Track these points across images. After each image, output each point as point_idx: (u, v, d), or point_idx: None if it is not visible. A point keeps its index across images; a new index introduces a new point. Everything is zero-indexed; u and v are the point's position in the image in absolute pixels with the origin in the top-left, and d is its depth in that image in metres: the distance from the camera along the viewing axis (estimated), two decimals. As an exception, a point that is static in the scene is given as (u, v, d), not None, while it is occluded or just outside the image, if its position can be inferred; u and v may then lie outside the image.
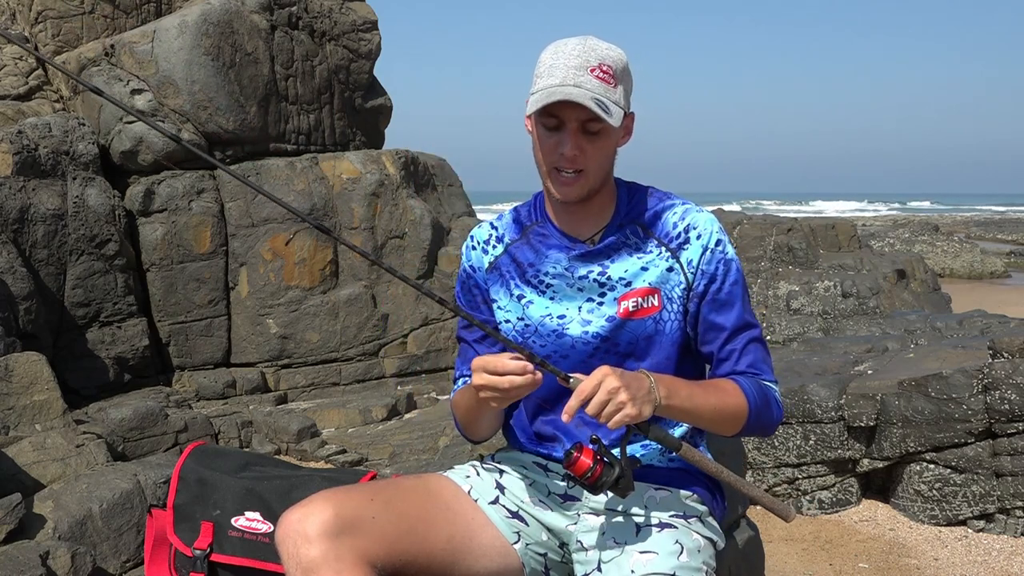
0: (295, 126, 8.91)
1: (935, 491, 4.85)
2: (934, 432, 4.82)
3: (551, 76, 1.60)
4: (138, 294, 7.77)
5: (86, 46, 8.58)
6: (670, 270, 1.71)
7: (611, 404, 1.48)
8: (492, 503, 1.75)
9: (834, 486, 5.15)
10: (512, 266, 1.80)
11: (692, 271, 1.71)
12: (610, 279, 1.72)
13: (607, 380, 1.49)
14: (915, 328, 7.90)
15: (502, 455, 1.88)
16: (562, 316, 1.74)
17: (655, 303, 1.70)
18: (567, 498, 1.76)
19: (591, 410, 1.49)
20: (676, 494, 1.74)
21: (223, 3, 8.41)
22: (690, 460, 1.62)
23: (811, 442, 5.12)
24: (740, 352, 1.71)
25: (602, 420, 1.49)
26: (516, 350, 1.59)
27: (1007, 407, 4.66)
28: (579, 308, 1.73)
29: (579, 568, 1.68)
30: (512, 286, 1.79)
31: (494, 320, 1.83)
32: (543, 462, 1.81)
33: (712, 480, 1.80)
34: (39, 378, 4.87)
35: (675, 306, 1.71)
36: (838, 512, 5.12)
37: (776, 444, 5.18)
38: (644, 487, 1.70)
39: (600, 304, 1.72)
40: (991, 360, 4.94)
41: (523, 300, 1.78)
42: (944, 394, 4.80)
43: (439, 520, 1.67)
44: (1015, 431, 4.68)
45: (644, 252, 1.72)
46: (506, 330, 1.80)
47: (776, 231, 12.38)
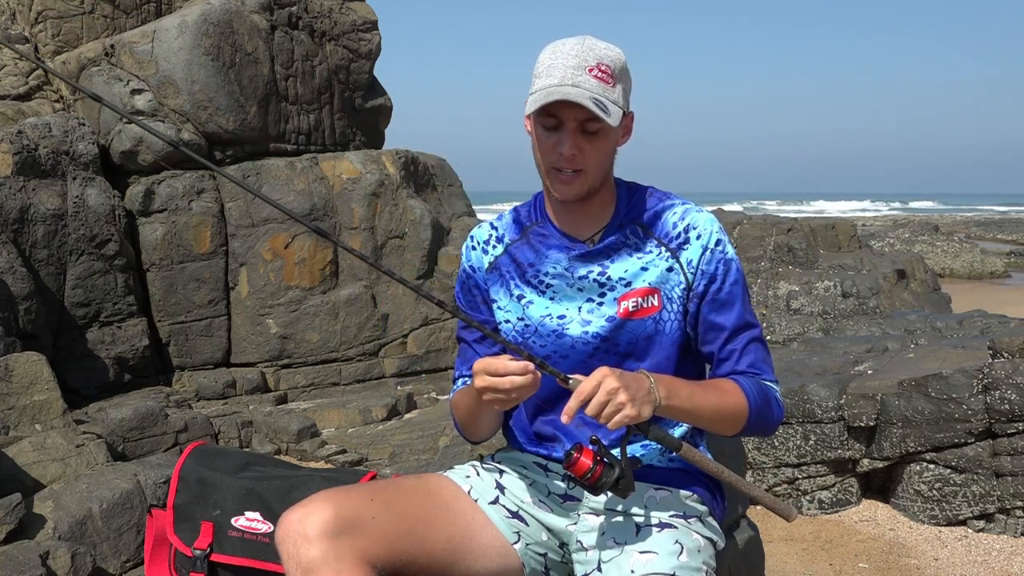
0: (295, 126, 8.90)
1: (935, 491, 4.85)
2: (934, 432, 4.82)
3: (549, 76, 1.60)
4: (138, 294, 7.77)
5: (86, 46, 8.58)
6: (670, 270, 1.71)
7: (610, 405, 1.48)
8: (492, 503, 1.75)
9: (834, 486, 5.15)
10: (512, 266, 1.80)
11: (692, 271, 1.71)
12: (610, 279, 1.72)
13: (606, 381, 1.49)
14: (915, 328, 7.90)
15: (502, 455, 1.88)
16: (562, 316, 1.74)
17: (655, 303, 1.70)
18: (567, 498, 1.76)
19: (590, 411, 1.49)
20: (676, 494, 1.74)
21: (223, 3, 8.41)
22: (690, 460, 1.62)
23: (811, 442, 5.12)
24: (740, 352, 1.71)
25: (602, 421, 1.49)
26: (515, 351, 1.59)
27: (1007, 407, 4.66)
28: (579, 308, 1.73)
29: (579, 568, 1.68)
30: (512, 286, 1.79)
31: (494, 320, 1.83)
32: (543, 462, 1.81)
33: (712, 480, 1.80)
34: (39, 378, 4.87)
35: (675, 306, 1.71)
36: (838, 512, 5.12)
37: (776, 444, 5.18)
38: (644, 487, 1.70)
39: (600, 304, 1.72)
40: (991, 360, 4.94)
41: (523, 300, 1.77)
42: (944, 394, 4.80)
43: (439, 520, 1.67)
44: (1015, 431, 4.68)
45: (644, 252, 1.72)
46: (506, 330, 1.80)
47: (776, 231, 12.38)
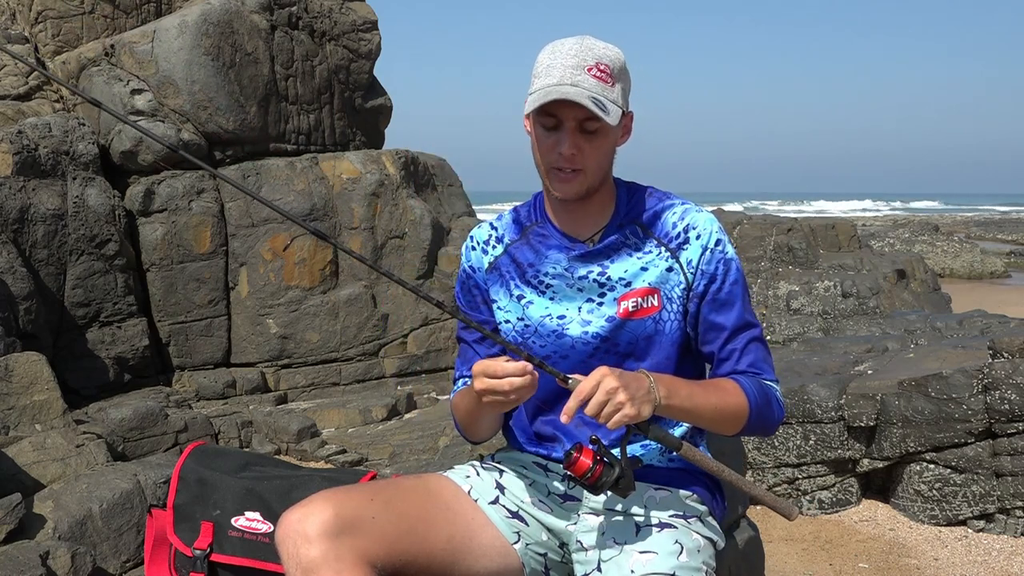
0: (295, 126, 8.91)
1: (935, 491, 4.85)
2: (934, 432, 4.82)
3: (548, 76, 1.60)
4: (138, 294, 7.77)
5: (86, 46, 8.58)
6: (670, 270, 1.71)
7: (610, 404, 1.48)
8: (492, 503, 1.75)
9: (834, 486, 5.15)
10: (512, 266, 1.80)
11: (692, 271, 1.71)
12: (610, 279, 1.71)
13: (605, 380, 1.49)
14: (915, 328, 7.90)
15: (502, 455, 1.88)
16: (562, 316, 1.74)
17: (655, 303, 1.70)
18: (567, 498, 1.76)
19: (590, 410, 1.49)
20: (676, 494, 1.74)
21: (223, 3, 8.41)
22: (691, 460, 1.62)
23: (811, 442, 5.12)
24: (741, 352, 1.71)
25: (601, 420, 1.49)
26: (514, 351, 1.58)
27: (1007, 407, 4.66)
28: (579, 308, 1.73)
29: (579, 568, 1.68)
30: (512, 286, 1.79)
31: (493, 321, 1.83)
32: (543, 462, 1.81)
33: (712, 480, 1.80)
34: (39, 378, 4.87)
35: (675, 306, 1.71)
36: (838, 512, 5.12)
37: (776, 444, 5.18)
38: (644, 487, 1.70)
39: (600, 304, 1.72)
40: (991, 360, 4.94)
41: (523, 300, 1.77)
42: (944, 394, 4.80)
43: (439, 520, 1.67)
44: (1015, 431, 4.68)
45: (644, 252, 1.72)
46: (506, 330, 1.80)
47: (776, 231, 12.38)
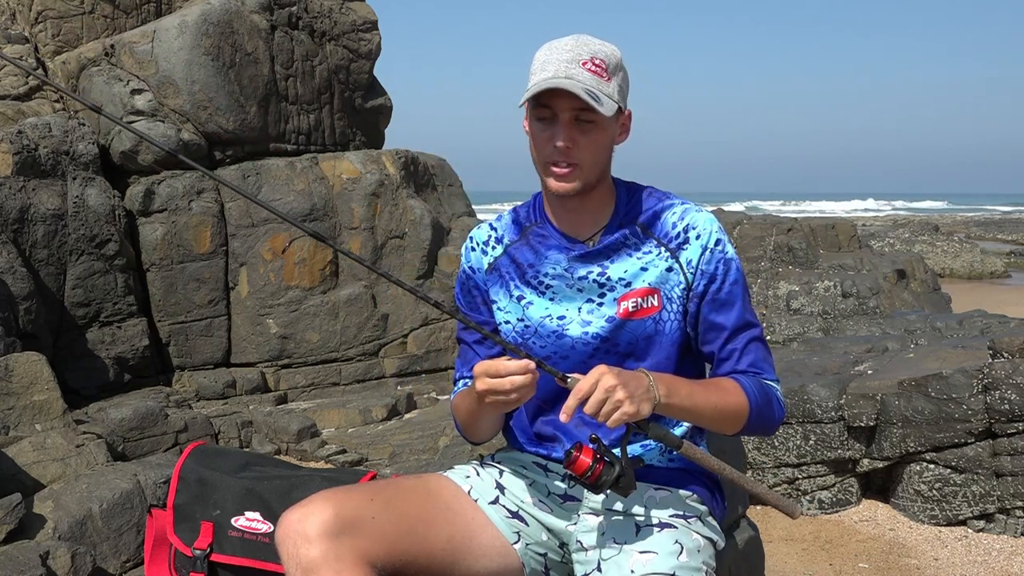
0: (295, 126, 8.91)
1: (935, 491, 4.85)
2: (934, 432, 4.82)
3: (544, 71, 1.62)
4: (138, 294, 7.77)
5: (86, 46, 8.58)
6: (669, 270, 1.71)
7: (609, 402, 1.48)
8: (492, 503, 1.75)
9: (834, 486, 5.15)
10: (511, 267, 1.80)
11: (692, 271, 1.71)
12: (609, 279, 1.71)
13: (604, 378, 1.49)
14: (915, 328, 7.90)
15: (502, 455, 1.88)
16: (562, 317, 1.74)
17: (655, 303, 1.70)
18: (567, 498, 1.76)
19: (589, 409, 1.48)
20: (676, 494, 1.74)
21: (223, 3, 8.41)
22: (692, 458, 1.62)
23: (811, 442, 5.12)
24: (741, 351, 1.71)
25: (600, 419, 1.49)
26: (513, 351, 1.58)
27: (1007, 407, 4.66)
28: (579, 309, 1.73)
29: (579, 568, 1.68)
30: (512, 287, 1.79)
31: (493, 321, 1.83)
32: (543, 462, 1.81)
33: (712, 480, 1.80)
34: (39, 378, 4.87)
35: (675, 306, 1.71)
36: (838, 512, 5.11)
37: (776, 444, 5.18)
38: (644, 487, 1.70)
39: (600, 305, 1.72)
40: (991, 360, 4.94)
41: (523, 301, 1.77)
42: (944, 394, 4.80)
43: (439, 520, 1.67)
44: (1015, 431, 4.68)
45: (643, 252, 1.72)
46: (506, 331, 1.80)
47: (776, 231, 12.38)
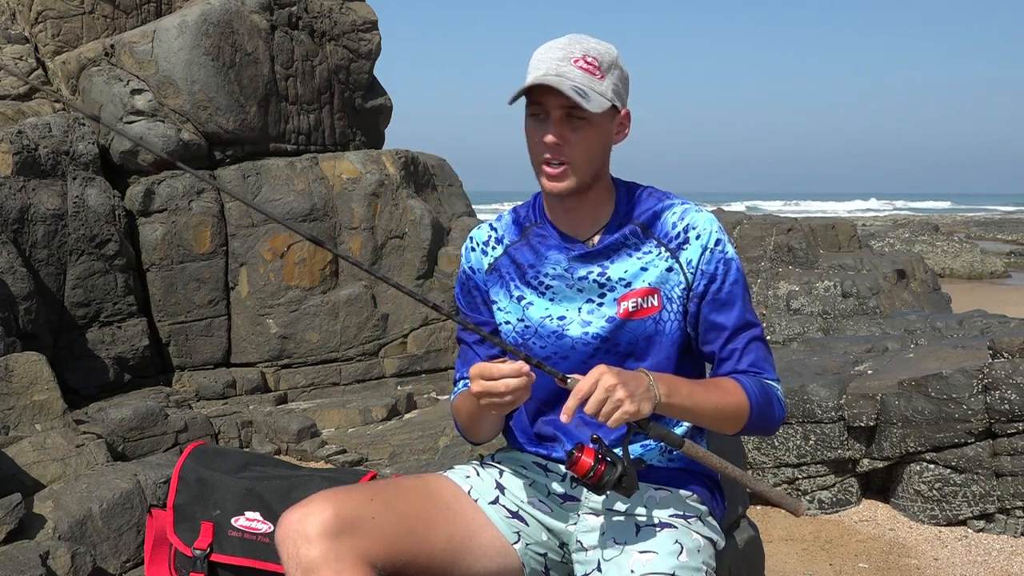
0: (295, 126, 8.91)
1: (935, 491, 4.85)
2: (934, 432, 4.82)
3: (536, 69, 1.63)
4: (138, 294, 7.77)
5: (86, 46, 8.58)
6: (670, 270, 1.71)
7: (609, 402, 1.48)
8: (492, 503, 1.75)
9: (834, 486, 5.15)
10: (512, 267, 1.80)
11: (692, 271, 1.70)
12: (610, 280, 1.71)
13: (604, 378, 1.49)
14: (915, 328, 7.90)
15: (502, 455, 1.88)
16: (562, 317, 1.74)
17: (655, 303, 1.70)
18: (567, 498, 1.76)
19: (589, 409, 1.48)
20: (676, 494, 1.74)
21: (223, 3, 8.41)
22: (694, 456, 1.61)
23: (811, 442, 5.11)
24: (741, 351, 1.71)
25: (601, 419, 1.48)
26: (513, 353, 1.58)
27: (1007, 407, 4.66)
28: (579, 309, 1.73)
29: (579, 568, 1.68)
30: (512, 287, 1.79)
31: (493, 322, 1.83)
32: (543, 462, 1.81)
33: (712, 480, 1.80)
34: (39, 378, 4.87)
35: (675, 306, 1.71)
36: (838, 512, 5.11)
37: (776, 444, 5.18)
38: (644, 487, 1.70)
39: (600, 305, 1.72)
40: (991, 360, 4.94)
41: (523, 301, 1.77)
42: (944, 394, 4.80)
43: (439, 520, 1.67)
44: (1015, 431, 4.68)
45: (643, 252, 1.72)
46: (506, 331, 1.80)
47: (776, 231, 12.38)
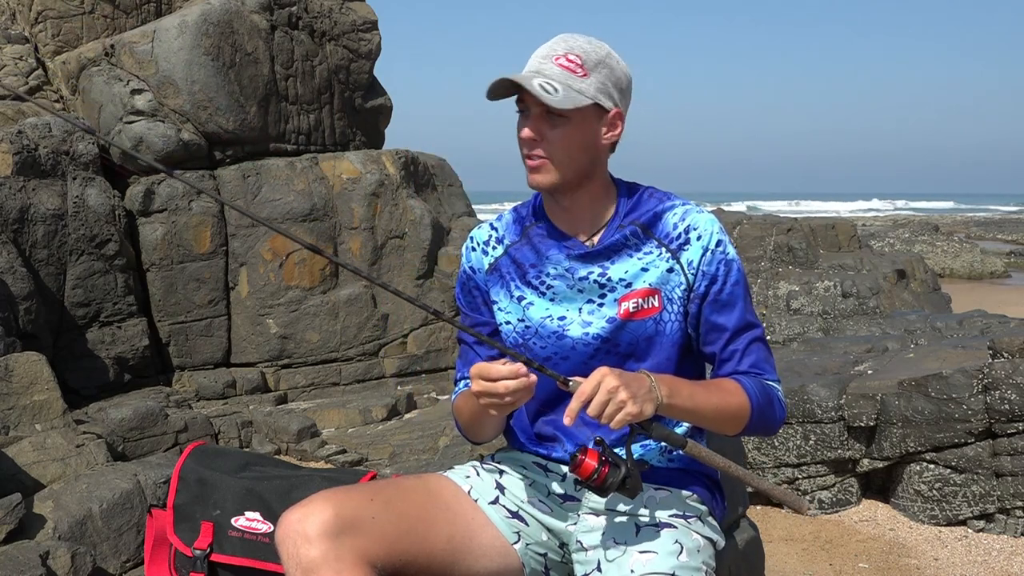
0: (295, 126, 8.90)
1: (935, 491, 4.85)
2: (934, 432, 4.82)
3: (525, 68, 1.65)
4: (138, 294, 7.77)
5: (86, 46, 8.58)
6: (670, 271, 1.70)
7: (612, 404, 1.48)
8: (492, 503, 1.75)
9: (834, 486, 5.15)
10: (512, 267, 1.80)
11: (692, 272, 1.70)
12: (610, 280, 1.71)
13: (606, 380, 1.49)
14: (915, 328, 7.90)
15: (502, 455, 1.88)
16: (562, 317, 1.73)
17: (655, 304, 1.70)
18: (567, 498, 1.76)
19: (592, 411, 1.48)
20: (676, 494, 1.74)
21: (223, 3, 8.41)
22: (696, 456, 1.61)
23: (811, 442, 5.11)
24: (742, 352, 1.71)
25: (604, 421, 1.48)
26: (512, 356, 1.57)
27: (1007, 407, 4.66)
28: (579, 309, 1.73)
29: (579, 568, 1.68)
30: (512, 287, 1.79)
31: (494, 322, 1.83)
32: (543, 462, 1.81)
33: (712, 480, 1.80)
34: (39, 378, 4.87)
35: (675, 307, 1.71)
36: (838, 512, 5.12)
37: (776, 444, 5.18)
38: (644, 487, 1.69)
39: (600, 305, 1.71)
40: (991, 360, 4.94)
41: (523, 302, 1.77)
42: (944, 394, 4.81)
43: (439, 520, 1.67)
44: (1015, 431, 4.68)
45: (644, 253, 1.72)
46: (506, 331, 1.80)
47: (776, 231, 12.38)
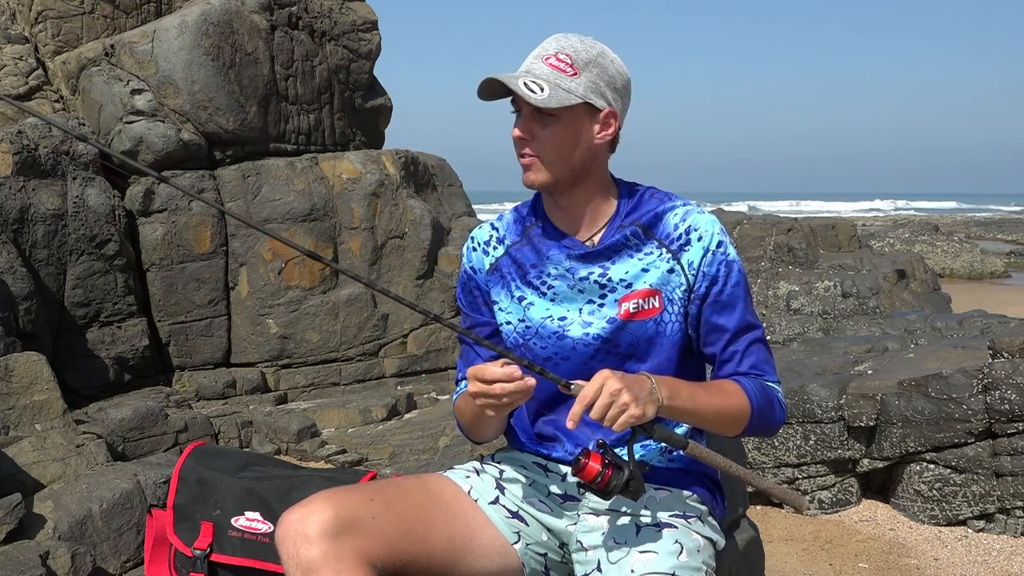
0: (295, 126, 8.90)
1: (935, 491, 4.85)
2: (934, 432, 4.82)
3: (519, 69, 1.66)
4: (138, 294, 7.77)
5: (86, 46, 8.58)
6: (671, 271, 1.70)
7: (614, 406, 1.48)
8: (492, 503, 1.75)
9: (834, 486, 5.15)
10: (513, 267, 1.80)
11: (693, 273, 1.70)
12: (611, 280, 1.71)
13: (608, 383, 1.49)
14: (915, 328, 7.90)
15: (502, 455, 1.88)
16: (563, 318, 1.73)
17: (656, 305, 1.70)
18: (567, 498, 1.76)
19: (595, 414, 1.48)
20: (676, 494, 1.74)
21: (223, 3, 8.41)
22: (698, 457, 1.61)
23: (811, 442, 5.12)
24: (742, 353, 1.71)
25: (606, 423, 1.49)
26: (515, 360, 1.57)
27: (1007, 407, 4.66)
28: (580, 310, 1.73)
29: (579, 568, 1.68)
30: (513, 287, 1.79)
31: (495, 322, 1.83)
32: (543, 462, 1.81)
33: (712, 480, 1.80)
34: (39, 378, 4.87)
35: (676, 308, 1.71)
36: (838, 512, 5.12)
37: (776, 444, 5.18)
38: (645, 488, 1.70)
39: (601, 306, 1.71)
40: (991, 360, 4.94)
41: (524, 302, 1.77)
42: (944, 394, 4.81)
43: (439, 520, 1.67)
44: (1015, 431, 4.68)
45: (645, 253, 1.72)
46: (507, 332, 1.80)
47: (776, 231, 12.38)
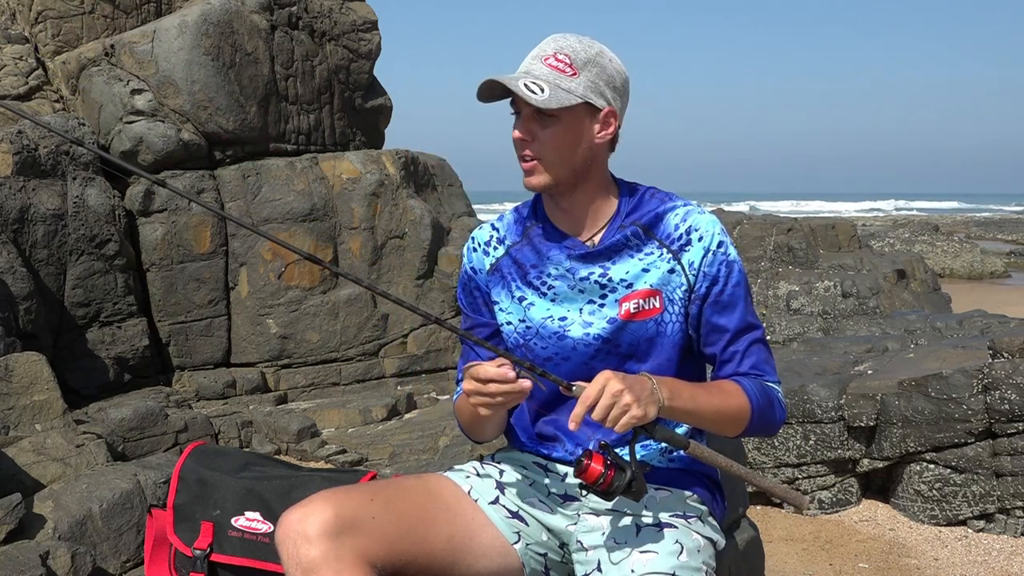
0: (295, 126, 8.90)
1: (935, 491, 4.85)
2: (934, 432, 4.82)
3: (517, 70, 1.66)
4: (138, 294, 7.77)
5: (86, 46, 8.58)
6: (671, 272, 1.70)
7: (616, 407, 1.48)
8: (492, 503, 1.75)
9: (834, 486, 5.15)
10: (513, 268, 1.80)
11: (693, 273, 1.70)
12: (611, 280, 1.71)
13: (610, 384, 1.49)
14: (915, 328, 7.90)
15: (502, 455, 1.88)
16: (563, 318, 1.74)
17: (656, 305, 1.70)
18: (567, 498, 1.76)
19: (597, 415, 1.48)
20: (676, 494, 1.74)
21: (223, 3, 8.41)
22: (699, 457, 1.61)
23: (811, 442, 5.12)
24: (743, 354, 1.71)
25: (608, 424, 1.49)
26: (516, 363, 1.57)
27: (1007, 407, 4.66)
28: (580, 310, 1.73)
29: (579, 568, 1.68)
30: (513, 288, 1.79)
31: (495, 323, 1.83)
32: (543, 462, 1.81)
33: (712, 480, 1.81)
34: (39, 378, 4.87)
35: (676, 308, 1.71)
36: (838, 512, 5.12)
37: (776, 444, 5.18)
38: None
39: (601, 306, 1.71)
40: (991, 360, 4.94)
41: (524, 302, 1.77)
42: (944, 394, 4.81)
43: (439, 520, 1.67)
44: (1015, 431, 4.68)
45: (645, 253, 1.72)
46: (508, 332, 1.80)
47: (776, 231, 12.38)
